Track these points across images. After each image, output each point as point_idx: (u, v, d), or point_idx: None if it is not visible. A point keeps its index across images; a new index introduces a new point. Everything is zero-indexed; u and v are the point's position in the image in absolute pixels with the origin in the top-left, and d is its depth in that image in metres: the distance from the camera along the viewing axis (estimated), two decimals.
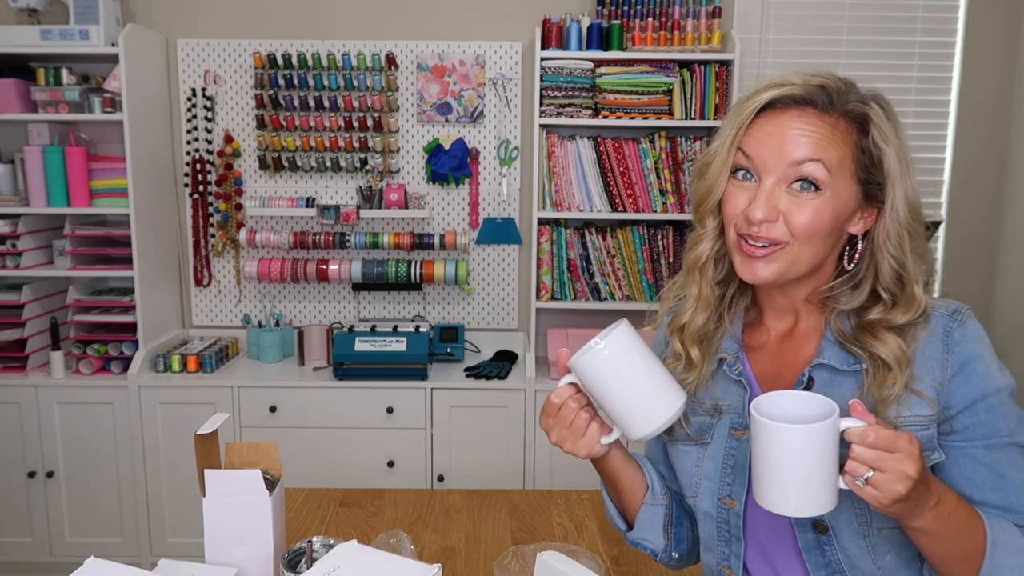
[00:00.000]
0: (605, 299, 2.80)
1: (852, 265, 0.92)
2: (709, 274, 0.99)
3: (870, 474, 0.75)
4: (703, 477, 0.99)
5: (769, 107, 0.89)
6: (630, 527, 1.07)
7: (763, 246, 0.89)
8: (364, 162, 2.87)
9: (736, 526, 0.97)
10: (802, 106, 0.88)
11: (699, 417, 1.01)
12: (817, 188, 0.86)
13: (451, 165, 2.86)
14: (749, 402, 0.95)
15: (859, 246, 0.92)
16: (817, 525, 0.91)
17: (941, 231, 2.97)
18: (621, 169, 2.72)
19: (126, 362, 2.67)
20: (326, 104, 2.80)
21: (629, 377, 0.89)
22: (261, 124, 2.84)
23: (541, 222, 2.76)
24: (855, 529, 0.90)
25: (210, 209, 2.93)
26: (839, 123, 0.87)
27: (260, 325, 2.93)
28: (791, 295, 0.96)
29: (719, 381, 1.00)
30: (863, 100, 0.89)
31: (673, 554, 1.07)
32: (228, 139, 2.87)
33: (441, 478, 2.64)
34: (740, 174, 0.91)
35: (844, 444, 0.77)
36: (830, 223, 0.88)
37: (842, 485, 0.77)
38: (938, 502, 0.80)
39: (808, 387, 0.92)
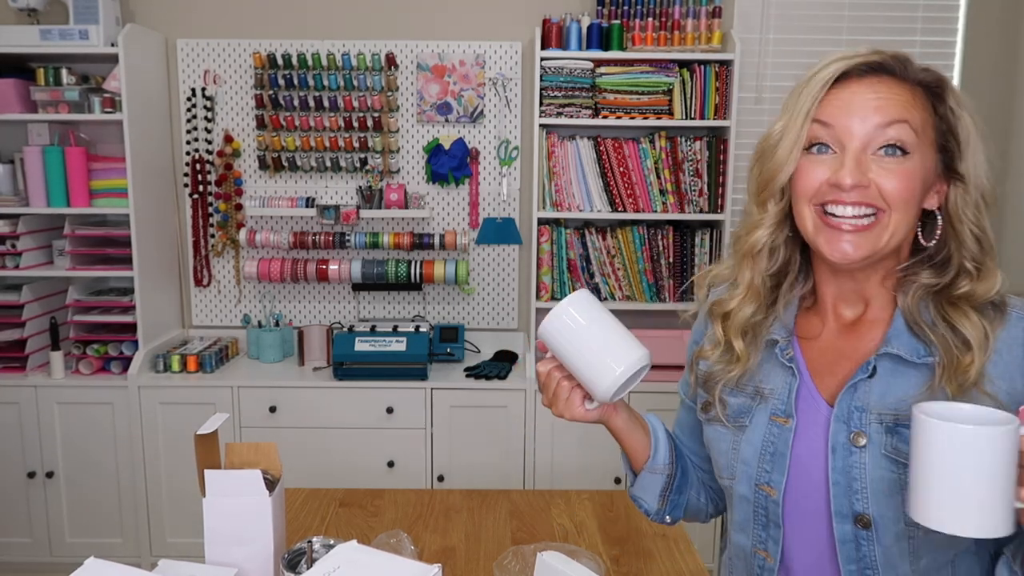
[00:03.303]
0: (605, 299, 2.80)
1: (932, 242, 0.89)
2: (763, 263, 0.95)
3: None
4: (739, 461, 0.97)
5: (841, 79, 0.86)
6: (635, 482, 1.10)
7: (855, 218, 0.85)
8: (364, 162, 2.87)
9: (775, 513, 0.94)
10: (879, 74, 0.86)
11: (738, 399, 0.98)
12: (905, 152, 0.84)
13: (451, 165, 2.86)
14: (797, 390, 0.94)
15: (938, 222, 0.89)
16: (859, 519, 0.88)
17: None
18: (621, 169, 2.72)
19: (126, 362, 2.67)
20: (326, 104, 2.80)
21: (578, 340, 0.92)
22: (261, 124, 2.84)
23: (541, 222, 2.76)
24: (901, 530, 0.86)
25: (210, 209, 2.93)
26: (916, 90, 0.86)
27: (260, 325, 2.93)
28: (861, 280, 0.92)
29: (764, 364, 0.97)
30: (927, 69, 0.87)
31: (667, 517, 1.09)
32: (228, 139, 2.87)
33: (441, 478, 2.64)
34: (815, 148, 0.87)
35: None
36: (921, 190, 0.85)
37: (1019, 504, 0.69)
38: None
39: (871, 377, 0.89)
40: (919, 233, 0.90)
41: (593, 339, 0.92)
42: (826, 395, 0.93)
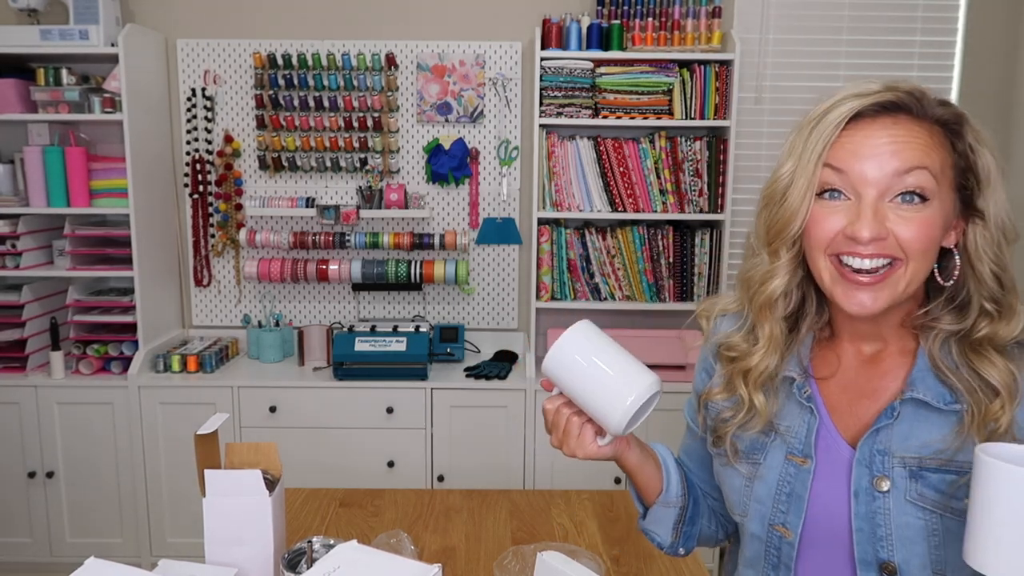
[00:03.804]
0: (605, 299, 2.80)
1: (951, 282, 0.85)
2: (779, 311, 0.91)
3: None
4: (752, 499, 0.94)
5: (853, 119, 0.82)
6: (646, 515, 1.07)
7: (871, 272, 0.81)
8: (364, 162, 2.87)
9: (788, 555, 0.91)
10: (894, 113, 0.81)
11: (750, 434, 0.95)
12: (924, 199, 0.80)
13: (451, 165, 2.86)
14: (817, 430, 0.90)
15: (956, 260, 0.85)
16: (885, 567, 0.84)
17: None
18: (621, 169, 2.72)
19: (126, 362, 2.67)
20: (326, 104, 2.80)
21: (583, 372, 0.89)
22: (261, 124, 2.84)
23: (541, 222, 2.76)
24: None
25: (210, 209, 2.93)
26: (934, 129, 0.82)
27: (260, 325, 2.93)
28: (880, 322, 0.89)
29: (779, 399, 0.94)
30: (944, 103, 0.83)
31: (680, 550, 1.07)
32: (228, 139, 2.87)
33: (441, 478, 2.64)
34: (827, 194, 0.83)
35: None
36: (940, 236, 0.82)
37: None
38: None
39: (894, 420, 0.86)
40: (935, 272, 0.86)
41: (599, 369, 0.88)
42: (846, 436, 0.90)
